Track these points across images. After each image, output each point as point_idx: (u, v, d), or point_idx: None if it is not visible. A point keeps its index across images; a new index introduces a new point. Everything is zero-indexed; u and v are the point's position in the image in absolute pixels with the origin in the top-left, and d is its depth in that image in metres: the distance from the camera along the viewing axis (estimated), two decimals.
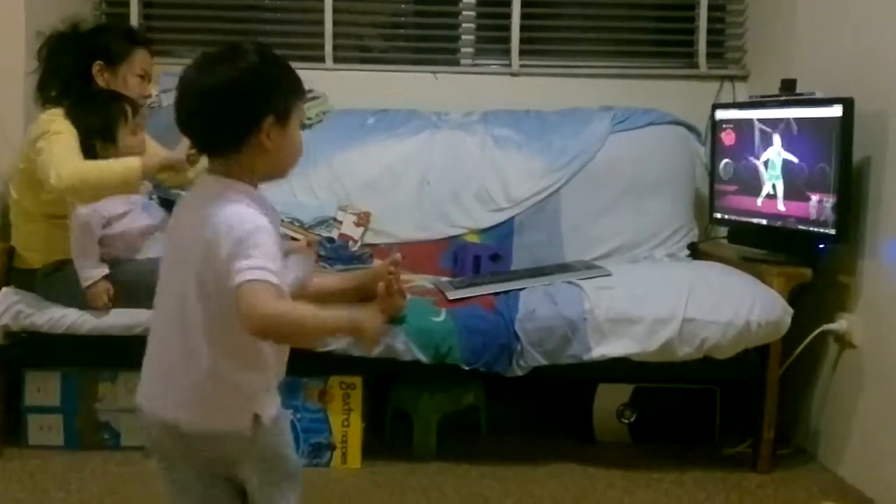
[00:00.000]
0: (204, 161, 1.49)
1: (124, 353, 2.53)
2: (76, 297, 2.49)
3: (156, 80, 3.19)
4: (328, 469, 2.55)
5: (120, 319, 2.50)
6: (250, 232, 1.31)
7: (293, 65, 1.44)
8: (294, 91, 1.44)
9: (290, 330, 1.31)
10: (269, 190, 1.49)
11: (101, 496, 2.35)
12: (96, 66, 2.56)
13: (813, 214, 2.51)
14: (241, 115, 1.37)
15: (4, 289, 2.57)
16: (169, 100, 3.19)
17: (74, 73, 2.55)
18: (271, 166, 1.43)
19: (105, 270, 2.48)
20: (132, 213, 2.56)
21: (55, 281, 2.53)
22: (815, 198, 2.50)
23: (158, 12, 3.52)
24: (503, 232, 3.11)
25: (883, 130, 2.40)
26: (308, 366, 2.48)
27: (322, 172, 3.14)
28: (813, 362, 2.69)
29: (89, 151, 2.40)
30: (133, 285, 2.46)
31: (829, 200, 2.45)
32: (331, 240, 3.01)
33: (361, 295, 2.42)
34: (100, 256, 2.49)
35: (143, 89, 2.65)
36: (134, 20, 3.37)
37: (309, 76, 1.42)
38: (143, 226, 2.59)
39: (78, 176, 2.31)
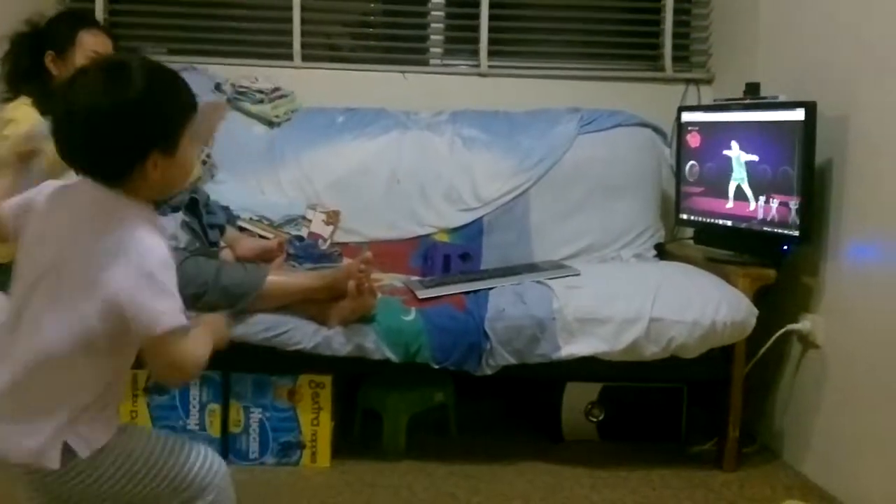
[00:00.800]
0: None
1: None
2: None
3: None
4: (297, 468, 2.54)
5: None
6: (160, 267, 1.28)
7: (261, 63, 1.39)
8: (184, 114, 1.36)
9: (198, 369, 1.34)
10: (235, 188, 1.49)
11: None
12: (48, 57, 2.54)
13: (777, 216, 2.55)
14: (122, 151, 1.30)
15: None
16: None
17: (31, 68, 2.54)
18: (157, 191, 1.37)
19: None
20: None
21: (5, 280, 2.48)
22: (778, 200, 2.55)
23: (124, 7, 3.47)
24: (472, 231, 3.12)
25: (844, 133, 2.44)
26: (277, 364, 2.47)
27: (291, 171, 3.13)
28: (777, 362, 2.73)
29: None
30: None
31: (793, 202, 2.49)
32: (300, 238, 3.00)
33: (331, 294, 2.43)
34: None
35: None
36: (99, 15, 3.32)
37: (277, 74, 1.41)
38: None
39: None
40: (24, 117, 2.39)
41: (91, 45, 2.62)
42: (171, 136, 1.33)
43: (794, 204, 2.49)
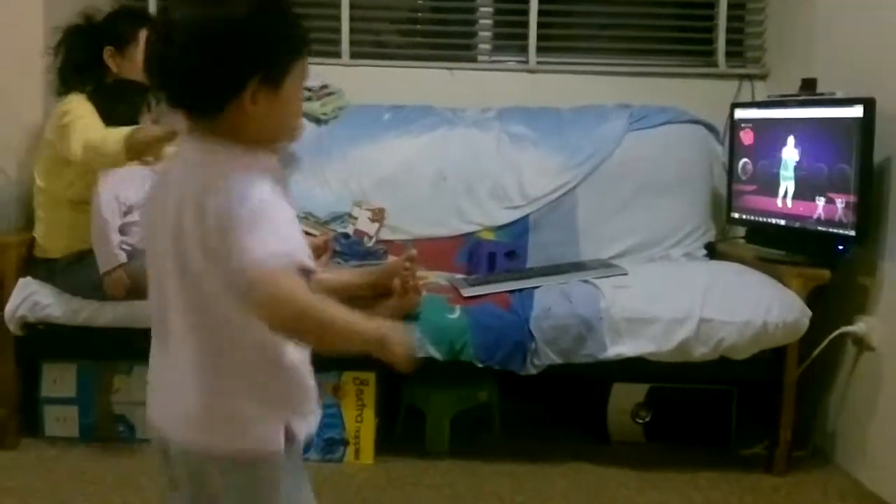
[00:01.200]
0: None
1: (140, 345, 2.54)
2: (95, 288, 2.50)
3: None
4: (341, 464, 2.55)
5: (136, 311, 2.51)
6: (262, 206, 1.11)
7: (309, 61, 1.22)
8: (294, 47, 1.20)
9: (315, 327, 1.10)
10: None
11: (115, 487, 2.36)
12: (107, 52, 2.61)
13: (832, 215, 2.49)
14: (219, 73, 1.14)
15: (22, 279, 2.58)
16: None
17: (89, 62, 2.61)
18: (258, 134, 1.19)
19: (123, 258, 2.49)
20: None
21: (75, 272, 2.54)
22: (834, 198, 2.48)
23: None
24: (518, 229, 3.10)
25: None
26: (321, 361, 2.48)
27: (337, 167, 3.14)
28: (831, 364, 2.66)
29: None
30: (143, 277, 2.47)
31: (849, 201, 2.42)
32: (345, 235, 3.01)
33: (376, 291, 2.43)
34: (119, 245, 2.49)
35: None
36: (152, 9, 3.37)
37: (325, 71, 1.39)
38: None
39: (82, 141, 2.37)
40: (89, 111, 2.47)
41: None
42: (276, 64, 1.16)
43: (850, 203, 2.42)
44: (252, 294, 1.07)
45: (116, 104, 2.50)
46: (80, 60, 2.61)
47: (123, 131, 2.37)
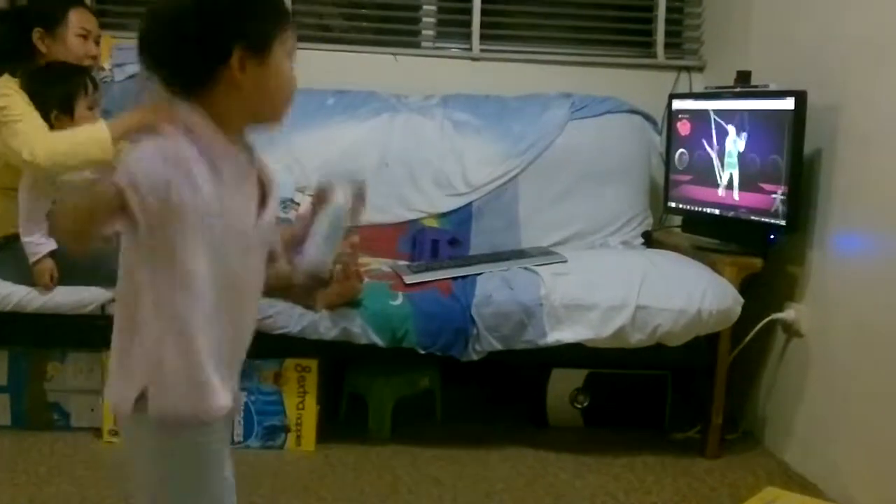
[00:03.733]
0: None
1: (74, 331, 2.51)
2: (25, 273, 2.44)
3: (110, 54, 3.14)
4: (282, 451, 2.54)
5: (69, 297, 2.47)
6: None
7: None
8: (277, 16, 1.21)
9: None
10: None
11: (48, 477, 2.31)
12: (36, 34, 2.54)
13: (764, 205, 2.56)
14: (202, 44, 1.15)
15: None
16: (122, 74, 3.13)
17: (17, 45, 2.53)
18: (256, 106, 1.21)
19: (52, 246, 2.43)
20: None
21: (5, 257, 2.48)
22: (767, 189, 2.55)
23: None
24: (462, 217, 3.12)
25: (834, 123, 2.45)
26: (263, 348, 2.46)
27: (280, 152, 3.09)
28: (761, 350, 2.75)
29: (44, 120, 2.39)
30: (82, 261, 2.42)
31: (781, 192, 2.49)
32: (287, 221, 2.98)
33: (318, 278, 2.42)
34: (47, 229, 2.44)
35: (87, 49, 2.62)
36: None
37: None
38: None
39: (56, 163, 2.32)
40: (22, 100, 2.39)
41: (80, 22, 2.61)
42: (262, 32, 1.18)
43: (781, 193, 2.49)
44: None
45: (51, 86, 2.44)
46: (9, 45, 2.53)
47: (100, 134, 2.32)
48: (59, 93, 2.43)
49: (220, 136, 1.19)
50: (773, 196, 2.52)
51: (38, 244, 2.42)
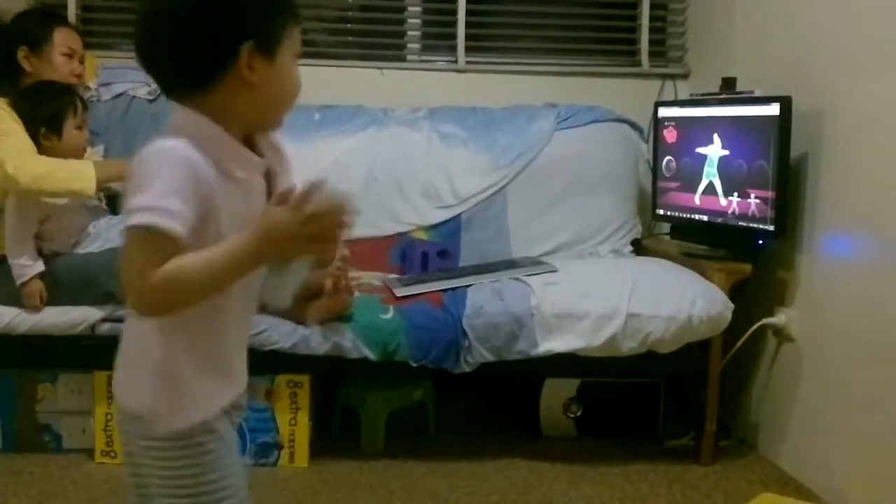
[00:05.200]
0: None
1: (64, 352, 2.50)
2: (13, 294, 2.43)
3: (96, 73, 3.14)
4: (275, 469, 2.53)
5: (59, 318, 2.45)
6: (152, 152, 1.06)
7: None
8: (286, 11, 1.16)
9: (189, 287, 1.06)
10: None
11: (40, 499, 2.30)
12: (21, 52, 2.55)
13: (752, 211, 2.57)
14: (209, 42, 1.09)
15: None
16: (109, 93, 3.13)
17: (1, 64, 2.54)
18: (261, 108, 1.15)
19: (40, 267, 2.42)
20: (73, 208, 2.51)
21: None
22: (754, 194, 2.56)
23: (98, 3, 3.43)
24: (451, 228, 3.12)
25: (819, 128, 2.46)
26: (254, 364, 2.45)
27: None
28: (753, 356, 2.75)
29: (32, 139, 2.40)
30: (72, 281, 2.42)
31: (768, 197, 2.51)
32: None
33: (307, 292, 2.41)
34: (37, 250, 2.43)
35: (72, 67, 2.63)
36: (71, 13, 3.28)
37: None
38: (84, 220, 2.55)
39: (35, 183, 2.33)
40: (12, 119, 2.40)
41: (65, 42, 2.62)
42: (270, 29, 1.12)
43: (768, 199, 2.50)
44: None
45: (40, 105, 2.44)
46: None
47: (87, 172, 2.35)
48: (48, 111, 2.44)
49: (225, 135, 1.14)
50: (761, 201, 2.53)
51: (26, 266, 2.41)
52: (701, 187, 2.76)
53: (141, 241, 1.03)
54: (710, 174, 2.72)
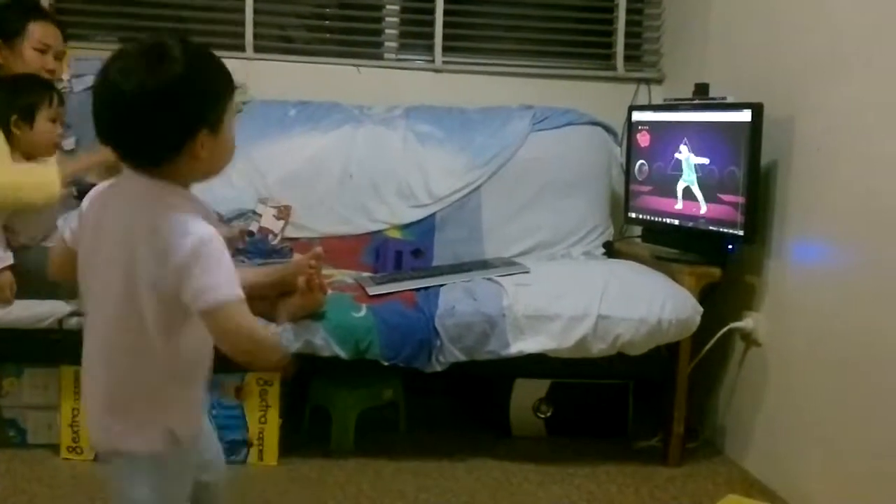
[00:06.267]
0: None
1: (31, 346, 2.47)
2: None
3: (68, 65, 3.10)
4: (244, 466, 2.52)
5: (26, 311, 2.42)
6: (205, 242, 1.25)
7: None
8: (227, 92, 1.33)
9: (260, 349, 1.32)
10: None
11: (4, 496, 2.27)
12: None
13: (723, 216, 2.60)
14: (171, 130, 1.26)
15: None
16: (81, 85, 3.09)
17: None
18: (204, 172, 1.34)
19: (9, 260, 2.39)
20: None
21: None
22: (725, 199, 2.59)
23: None
24: (425, 228, 3.12)
25: (790, 135, 2.49)
26: (225, 362, 2.44)
27: (241, 164, 3.08)
28: (721, 359, 2.78)
29: (3, 127, 2.37)
30: (40, 274, 2.39)
31: (739, 202, 2.53)
32: (250, 233, 2.97)
33: (280, 289, 2.41)
34: (5, 243, 2.40)
35: (43, 62, 2.61)
36: (44, 2, 3.24)
37: (228, 65, 1.35)
38: (53, 213, 2.52)
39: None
40: None
41: (40, 36, 2.59)
42: (217, 112, 1.30)
43: (739, 204, 2.53)
44: (219, 326, 1.25)
45: (16, 94, 2.42)
46: None
47: (49, 178, 2.34)
48: (23, 102, 2.43)
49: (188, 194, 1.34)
50: (732, 207, 2.56)
51: None
52: (679, 191, 2.78)
53: (238, 307, 1.26)
54: (689, 179, 2.74)
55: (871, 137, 2.16)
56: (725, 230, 2.59)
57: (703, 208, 2.67)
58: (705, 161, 2.67)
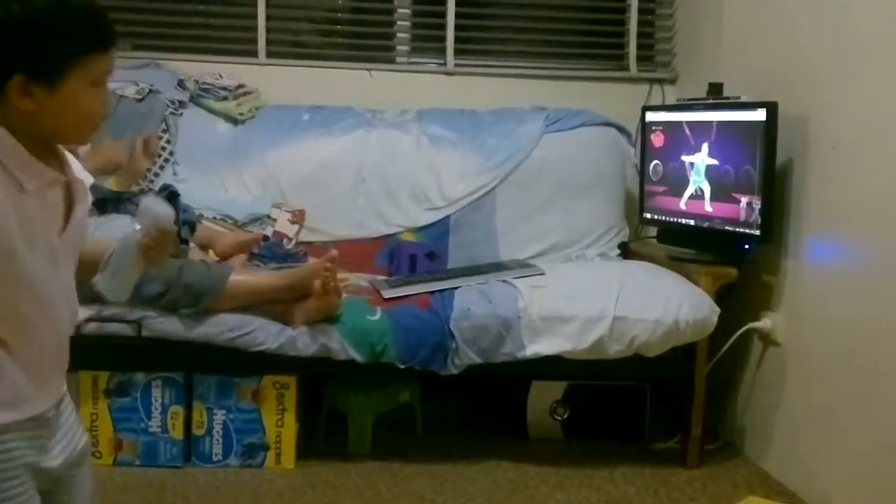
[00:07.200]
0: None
1: None
2: None
3: None
4: (261, 470, 2.52)
5: None
6: None
7: (225, 60, 1.25)
8: (76, 42, 1.17)
9: None
10: (198, 186, 1.33)
11: None
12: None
13: (739, 215, 2.58)
14: None
15: None
16: None
17: None
18: (51, 130, 1.18)
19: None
20: None
21: None
22: (740, 199, 2.58)
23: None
24: (439, 230, 3.12)
25: (805, 133, 2.48)
26: (241, 365, 2.46)
27: (255, 169, 3.10)
28: (739, 359, 2.76)
29: None
30: None
31: (755, 202, 2.52)
32: (265, 237, 2.97)
33: (296, 293, 2.42)
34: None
35: None
36: None
37: (242, 71, 1.34)
38: None
39: None
40: None
41: None
42: (46, 62, 1.15)
43: (755, 203, 2.52)
44: None
45: None
46: None
47: None
48: None
49: (18, 147, 1.15)
50: (747, 206, 2.54)
51: None
52: (687, 193, 2.77)
53: None
54: (698, 181, 2.73)
55: (886, 135, 2.14)
56: (742, 230, 2.57)
57: (719, 208, 2.66)
58: (720, 161, 2.66)
